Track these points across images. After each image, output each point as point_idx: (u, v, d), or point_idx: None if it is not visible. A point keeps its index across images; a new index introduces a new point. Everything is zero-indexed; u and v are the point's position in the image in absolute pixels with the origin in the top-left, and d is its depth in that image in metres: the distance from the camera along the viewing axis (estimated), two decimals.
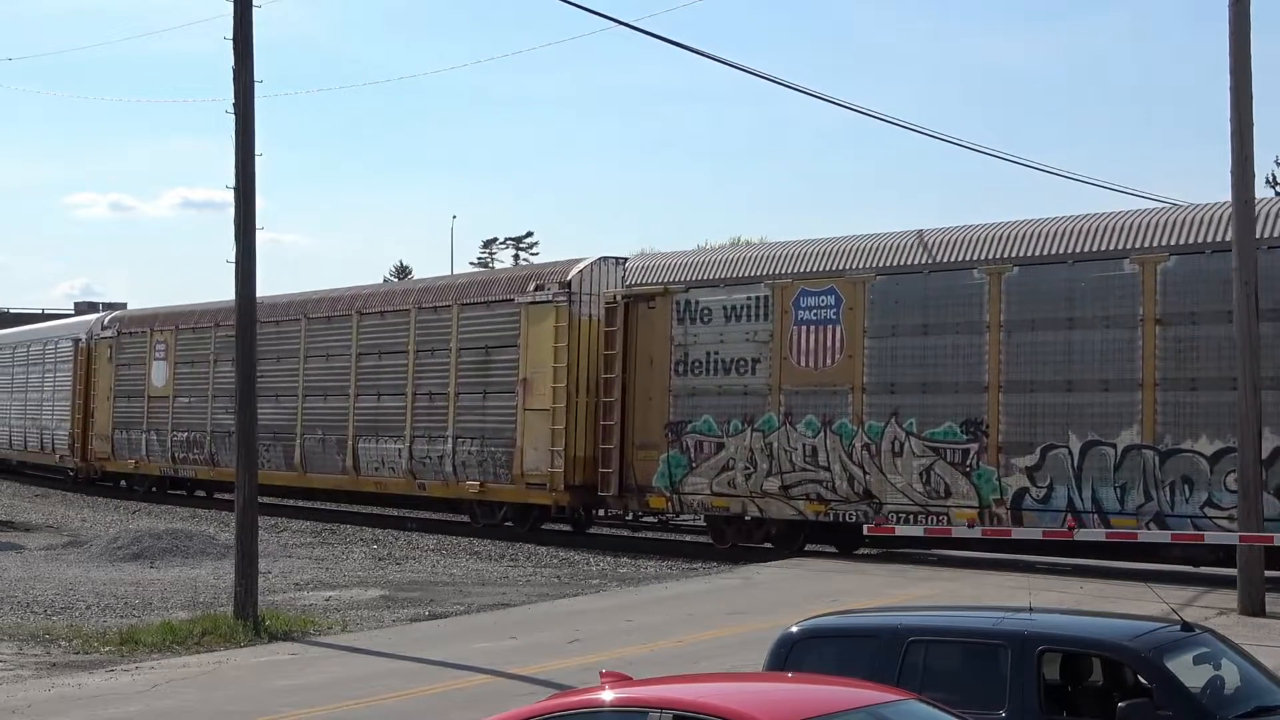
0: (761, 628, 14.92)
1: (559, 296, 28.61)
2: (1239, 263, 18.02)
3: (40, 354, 47.99)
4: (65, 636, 17.67)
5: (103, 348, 43.54)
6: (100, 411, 43.19)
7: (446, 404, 30.84)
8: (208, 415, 38.43)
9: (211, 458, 38.15)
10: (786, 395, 24.83)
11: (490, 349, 30.07)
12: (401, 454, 31.91)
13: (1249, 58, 17.85)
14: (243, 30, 18.72)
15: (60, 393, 45.76)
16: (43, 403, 47.01)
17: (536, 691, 12.46)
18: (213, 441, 38.06)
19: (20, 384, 49.07)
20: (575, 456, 28.09)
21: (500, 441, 29.43)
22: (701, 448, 25.99)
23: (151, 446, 40.89)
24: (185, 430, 39.34)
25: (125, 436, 42.01)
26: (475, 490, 30.04)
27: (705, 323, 26.15)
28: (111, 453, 42.57)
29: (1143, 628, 8.91)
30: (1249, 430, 17.95)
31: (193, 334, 39.60)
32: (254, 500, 19.22)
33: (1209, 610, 17.50)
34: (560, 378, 28.17)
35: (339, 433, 33.80)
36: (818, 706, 6.77)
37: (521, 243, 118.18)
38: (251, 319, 19.57)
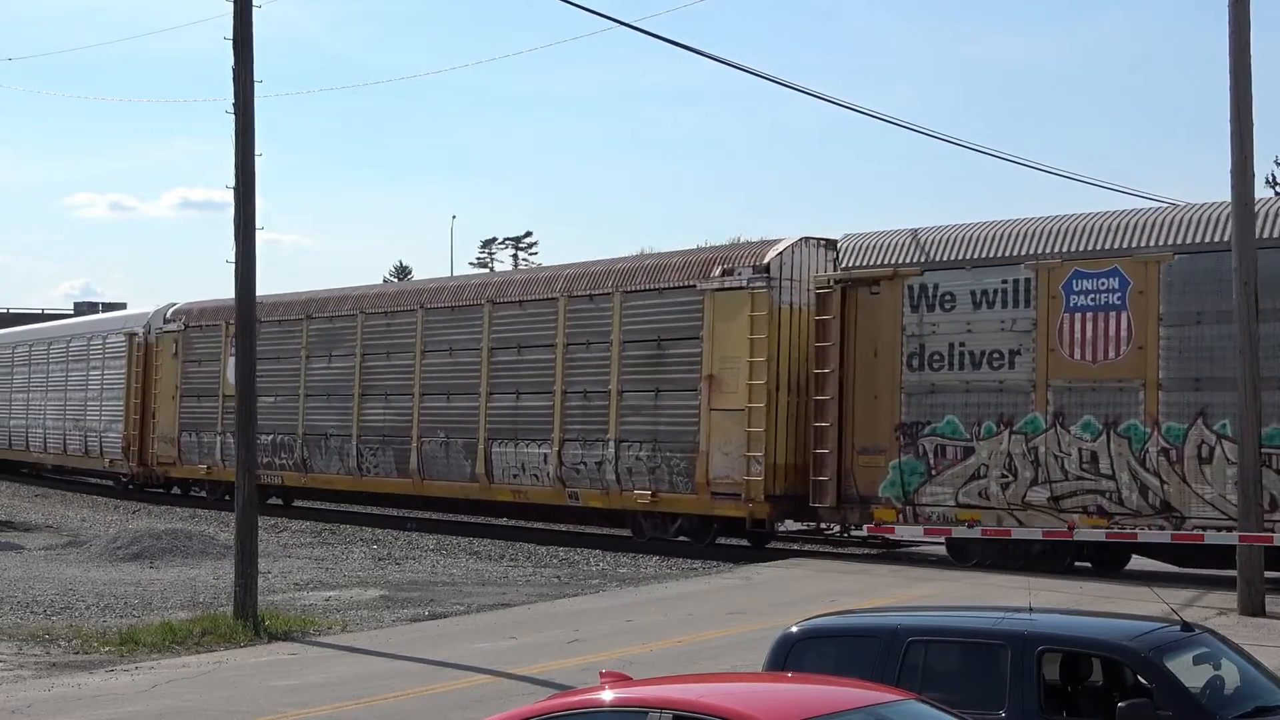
0: (761, 628, 14.92)
1: (755, 282, 25.27)
2: (1239, 263, 18.03)
3: (82, 350, 44.50)
4: (65, 636, 17.66)
5: (166, 343, 40.11)
6: (163, 412, 39.76)
7: (606, 403, 27.64)
8: (299, 416, 35.14)
9: (303, 463, 35.03)
10: (1055, 392, 21.71)
11: (664, 341, 26.78)
12: (548, 459, 28.67)
13: (1249, 58, 17.87)
14: (243, 30, 18.72)
15: (111, 392, 42.38)
16: (86, 403, 43.65)
17: (536, 691, 12.46)
18: (305, 445, 34.94)
19: (57, 383, 45.98)
20: (775, 463, 24.94)
21: (678, 446, 26.24)
22: (943, 452, 22.85)
23: (228, 450, 35.75)
24: (268, 432, 35.00)
25: (194, 440, 38.73)
26: (645, 500, 26.74)
27: (947, 309, 23.01)
28: (178, 457, 39.16)
29: (1143, 628, 8.91)
30: (1249, 430, 17.96)
31: (278, 327, 35.92)
32: (254, 500, 19.20)
33: (1209, 610, 17.51)
34: (758, 373, 24.98)
35: (466, 435, 30.47)
36: (818, 706, 6.77)
37: (521, 243, 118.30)
38: (251, 318, 19.54)
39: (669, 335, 26.73)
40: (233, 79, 18.79)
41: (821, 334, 24.38)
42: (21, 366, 48.83)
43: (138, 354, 41.18)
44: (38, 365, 47.51)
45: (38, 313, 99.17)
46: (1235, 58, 17.83)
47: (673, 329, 26.68)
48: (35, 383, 47.41)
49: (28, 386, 47.87)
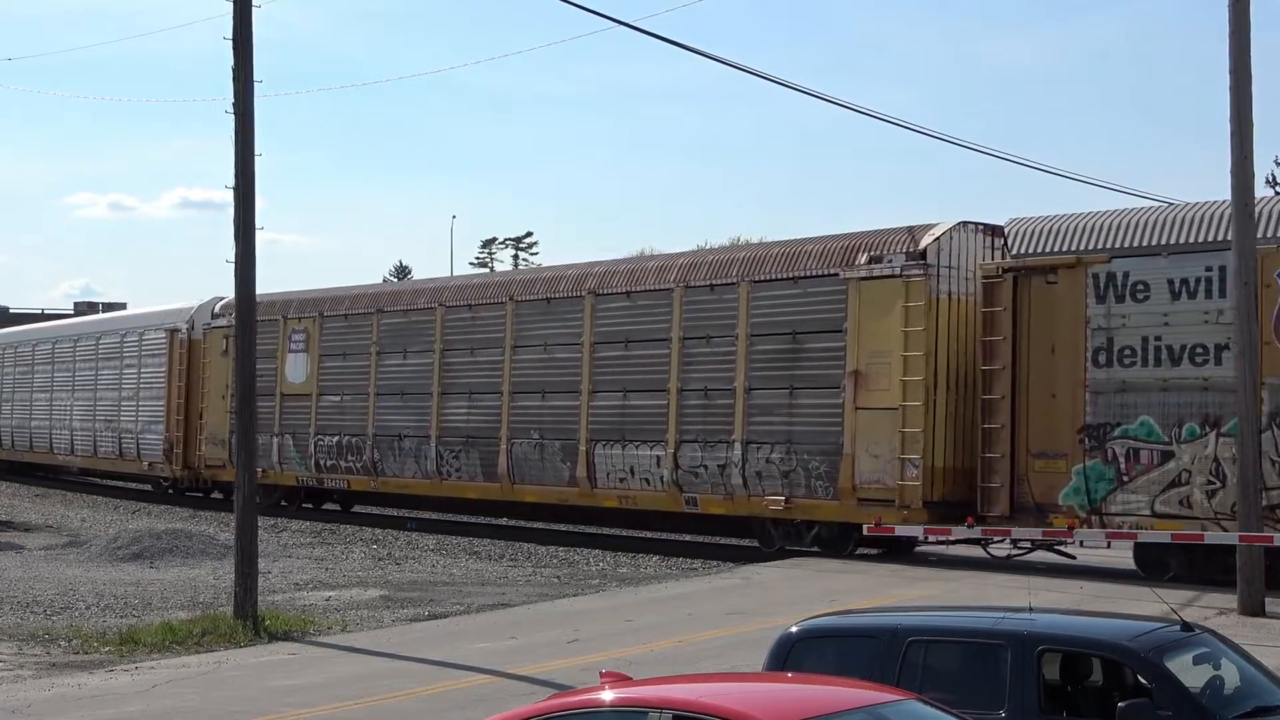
0: (761, 628, 14.92)
1: (910, 270, 23.13)
2: (1239, 262, 18.03)
3: (114, 348, 42.24)
4: (65, 636, 17.67)
5: (214, 339, 37.52)
6: (212, 412, 37.30)
7: (731, 402, 25.46)
8: (369, 416, 32.76)
9: (373, 465, 32.66)
10: (1271, 391, 19.52)
11: (800, 335, 24.60)
12: (661, 462, 26.49)
13: (1249, 58, 17.86)
14: (243, 30, 18.73)
15: (150, 391, 40.05)
16: (120, 403, 41.37)
17: (536, 691, 12.46)
18: (376, 447, 32.52)
19: (85, 382, 43.60)
20: (933, 466, 22.92)
21: (818, 448, 24.13)
22: (1136, 457, 20.82)
23: (286, 453, 35.03)
24: (334, 433, 33.64)
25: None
26: (779, 507, 24.57)
27: (1139, 300, 20.90)
28: (229, 459, 35.36)
29: (1143, 628, 8.91)
30: (1249, 430, 17.97)
31: (344, 322, 33.87)
32: (254, 500, 19.21)
33: (1209, 610, 17.50)
34: (914, 369, 22.92)
35: (565, 437, 28.30)
36: (818, 706, 6.77)
37: (521, 243, 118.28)
38: (252, 318, 19.57)
39: (807, 328, 24.57)
40: (233, 79, 18.80)
41: (990, 327, 22.23)
42: (43, 365, 46.82)
43: (180, 351, 38.79)
44: (62, 364, 45.37)
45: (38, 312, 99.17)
46: (1235, 58, 17.83)
47: (810, 321, 24.54)
48: (60, 382, 45.32)
49: (50, 386, 45.88)
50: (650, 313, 27.21)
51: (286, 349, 35.20)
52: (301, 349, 35.03)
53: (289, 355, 35.28)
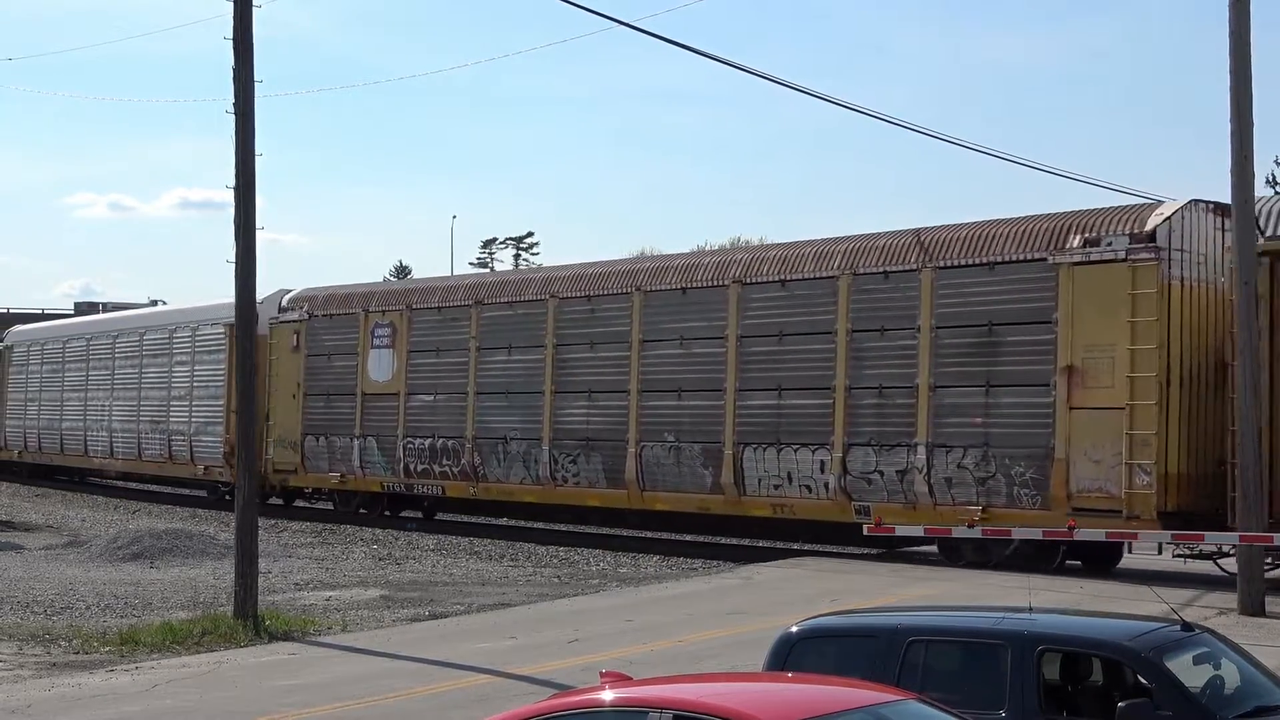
0: (761, 628, 14.92)
1: (1137, 253, 20.81)
2: (1239, 262, 18.04)
3: (161, 344, 39.65)
4: (65, 636, 17.67)
5: (283, 334, 35.17)
6: (282, 413, 34.86)
7: (912, 401, 23.20)
8: (467, 417, 30.24)
9: (473, 470, 30.14)
10: None
11: (997, 326, 22.30)
12: (826, 467, 24.19)
13: (1249, 58, 17.87)
14: (243, 30, 18.73)
15: (205, 390, 37.53)
16: (169, 403, 38.85)
17: (536, 691, 12.46)
18: (476, 450, 30.07)
19: (127, 381, 41.11)
20: (1167, 473, 20.66)
21: (1022, 452, 21.89)
22: None
23: (369, 456, 32.52)
24: (425, 435, 31.13)
25: (324, 444, 33.81)
26: (976, 516, 22.14)
27: None
28: (301, 464, 34.20)
29: (1143, 628, 8.91)
30: (1249, 430, 17.97)
31: (437, 315, 31.36)
32: (254, 500, 19.19)
33: (1209, 610, 17.51)
34: (1145, 364, 20.66)
35: (706, 439, 25.88)
36: (818, 706, 6.77)
37: (521, 243, 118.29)
38: (252, 318, 19.53)
39: (1006, 319, 22.23)
40: (233, 79, 18.80)
41: None
42: (75, 363, 44.48)
43: None
44: (99, 362, 42.80)
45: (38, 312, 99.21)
46: (1235, 58, 17.83)
47: (1009, 311, 22.22)
48: (97, 381, 42.73)
49: (85, 385, 43.46)
50: (810, 303, 24.84)
51: (368, 345, 32.69)
52: (386, 344, 32.38)
53: (371, 351, 32.73)
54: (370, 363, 32.83)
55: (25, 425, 47.25)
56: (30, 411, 47.09)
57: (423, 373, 31.66)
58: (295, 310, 35.07)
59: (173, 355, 39.26)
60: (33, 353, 47.76)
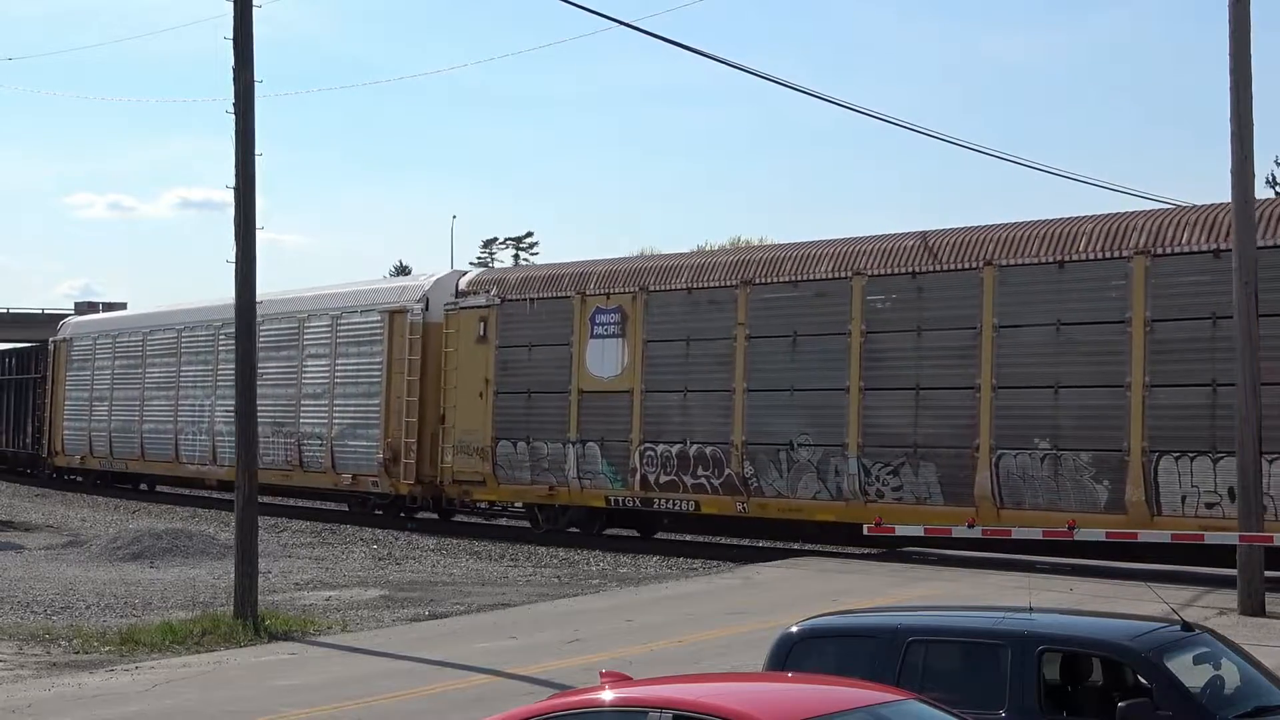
0: (761, 628, 14.92)
1: None
2: (1239, 262, 18.03)
3: (288, 335, 34.92)
4: (65, 636, 17.67)
5: (464, 322, 30.41)
6: (464, 414, 30.04)
7: None
8: (734, 418, 25.59)
9: (742, 482, 25.45)
10: None
11: None
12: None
13: (1249, 58, 17.87)
14: (243, 30, 18.72)
15: (353, 388, 32.92)
16: (299, 402, 34.25)
17: (536, 691, 12.46)
18: (746, 458, 25.39)
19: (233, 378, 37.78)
20: None
21: None
22: None
23: (589, 465, 27.92)
24: (672, 440, 26.52)
25: (523, 450, 29.02)
26: None
27: None
28: (492, 473, 29.56)
29: (1143, 628, 8.91)
30: (1249, 430, 17.97)
31: (686, 298, 26.71)
32: (254, 500, 19.18)
33: (1209, 610, 17.50)
34: None
35: (1099, 444, 21.48)
36: (818, 706, 6.77)
37: (521, 243, 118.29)
38: (252, 319, 19.53)
39: None
40: (233, 79, 18.80)
41: None
42: (162, 358, 39.87)
43: (410, 338, 31.33)
44: (196, 356, 38.39)
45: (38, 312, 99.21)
46: (1235, 58, 17.83)
47: None
48: (193, 378, 38.31)
49: (176, 382, 39.00)
50: None
51: (586, 334, 28.04)
52: (613, 333, 27.63)
53: (591, 342, 28.01)
54: (590, 355, 28.08)
55: (91, 428, 42.79)
56: (98, 412, 42.47)
57: (666, 366, 26.91)
58: (480, 294, 30.29)
59: (303, 348, 34.57)
60: (100, 346, 43.01)
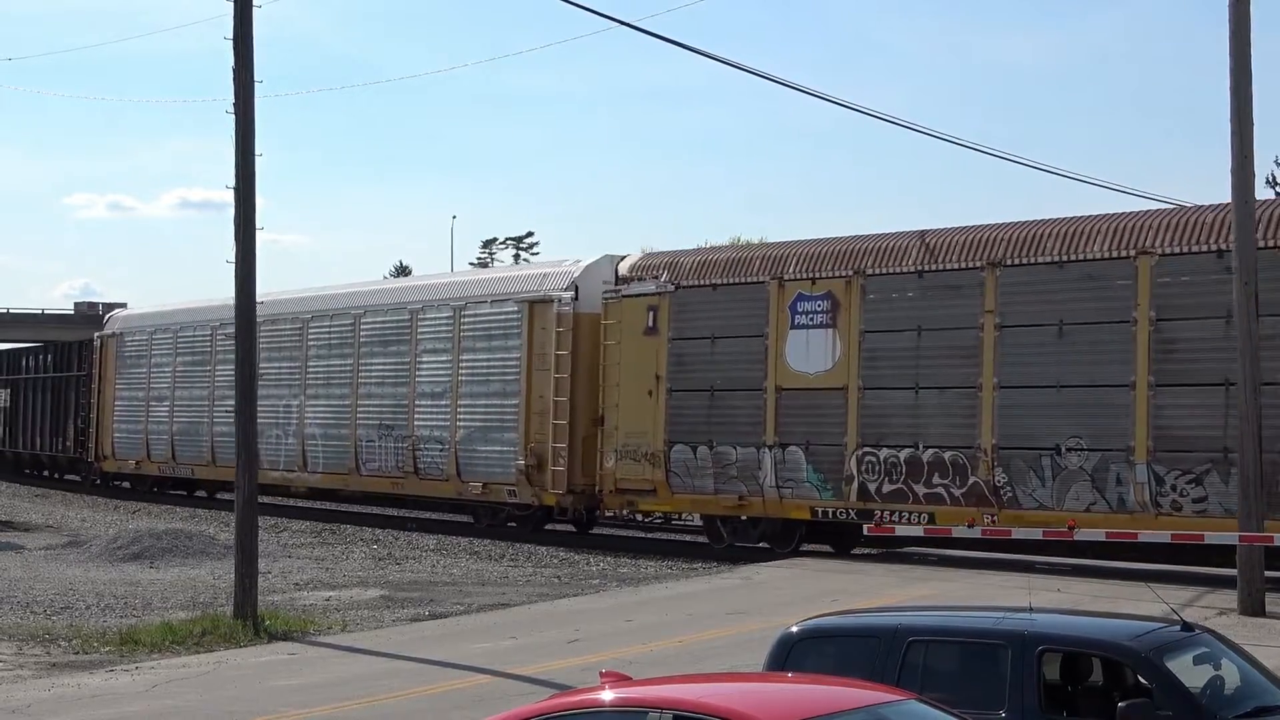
0: (761, 628, 14.92)
1: None
2: (1239, 262, 18.04)
3: (397, 327, 31.74)
4: (65, 636, 17.66)
5: (628, 311, 27.00)
6: (630, 414, 26.77)
7: None
8: (981, 419, 22.40)
9: (993, 492, 22.19)
10: None
11: None
12: None
13: (1249, 58, 17.87)
14: (243, 30, 18.72)
15: (480, 386, 29.75)
16: (413, 402, 31.01)
17: (536, 691, 12.46)
18: (999, 464, 22.20)
19: (332, 375, 33.37)
20: None
21: None
22: None
23: (790, 471, 24.66)
24: (899, 444, 23.35)
25: (704, 456, 25.70)
26: None
27: None
28: (665, 481, 26.28)
29: (1143, 628, 8.91)
30: (1249, 430, 17.97)
31: (916, 282, 23.33)
32: (254, 499, 19.17)
33: (1209, 610, 17.51)
34: None
35: None
36: (818, 706, 6.77)
37: (521, 243, 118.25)
38: (252, 319, 19.53)
39: None
40: (233, 79, 18.78)
41: None
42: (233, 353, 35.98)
43: (557, 330, 27.98)
44: (279, 351, 34.91)
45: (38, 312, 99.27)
46: (1235, 58, 17.83)
47: None
48: (276, 375, 34.77)
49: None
50: None
51: (785, 323, 24.75)
52: (819, 323, 24.41)
53: (791, 333, 24.73)
54: (790, 347, 24.74)
55: (149, 430, 39.56)
56: (157, 413, 39.17)
57: (891, 360, 23.61)
58: (648, 280, 26.83)
59: (417, 342, 31.14)
60: (159, 342, 39.70)
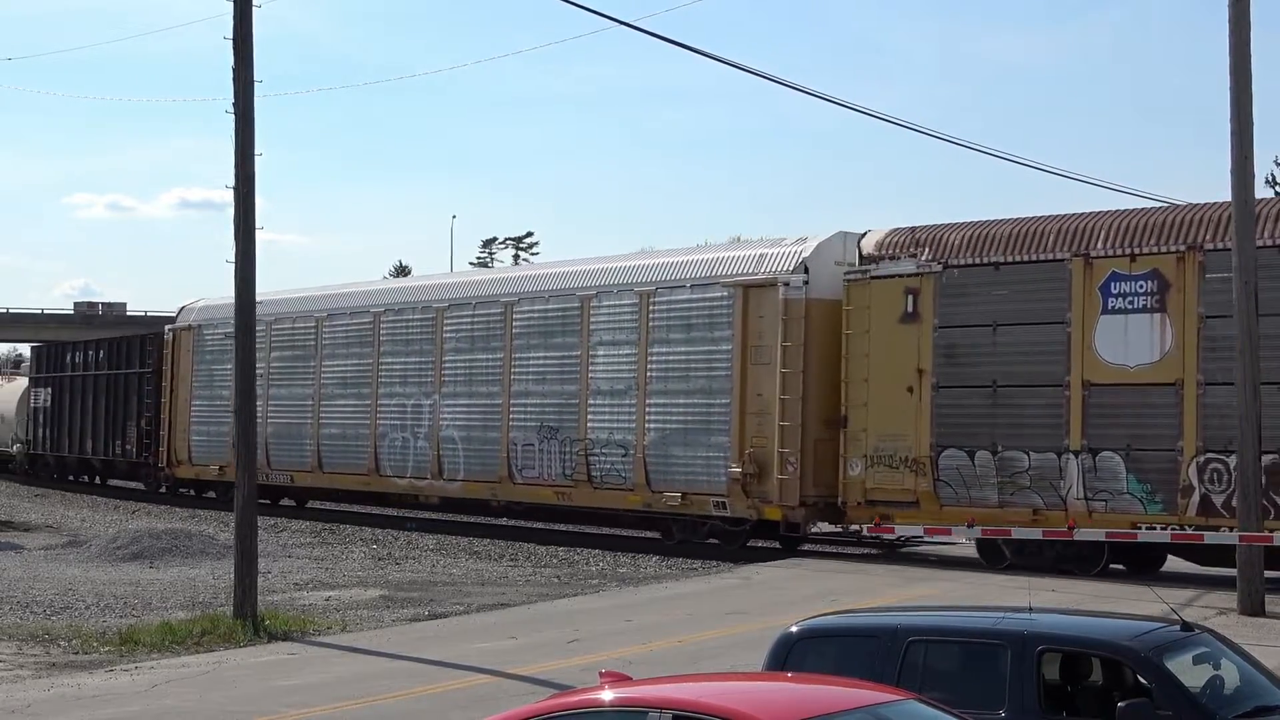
0: (761, 628, 14.92)
1: None
2: (1239, 262, 18.04)
3: (563, 316, 28.10)
4: (65, 636, 17.66)
5: (879, 295, 23.51)
6: (878, 413, 23.32)
7: None
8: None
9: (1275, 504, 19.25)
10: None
11: None
12: None
13: (1249, 58, 17.87)
14: (243, 30, 18.71)
15: (680, 383, 25.99)
16: (587, 400, 27.44)
17: (536, 691, 12.46)
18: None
19: (477, 372, 29.62)
20: None
21: None
22: None
23: (1101, 480, 21.24)
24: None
25: (983, 462, 22.35)
26: None
27: None
28: (931, 490, 22.68)
29: (1143, 628, 8.91)
30: (1249, 430, 17.97)
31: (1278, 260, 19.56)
32: (254, 500, 19.18)
33: (1209, 610, 17.51)
34: None
35: None
36: (818, 706, 6.77)
37: (521, 243, 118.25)
38: (252, 318, 19.48)
39: None
40: (233, 79, 18.77)
41: None
42: (348, 347, 32.96)
43: (784, 317, 24.29)
44: (403, 344, 31.44)
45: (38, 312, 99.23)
46: (1235, 58, 17.83)
47: None
48: (398, 371, 31.44)
49: (373, 377, 31.99)
50: None
51: (1094, 308, 21.38)
52: (1141, 307, 21.04)
53: (1102, 319, 21.32)
54: (1101, 336, 21.38)
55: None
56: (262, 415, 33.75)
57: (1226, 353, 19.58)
58: (903, 259, 23.41)
59: (590, 332, 27.51)
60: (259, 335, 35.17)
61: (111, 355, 43.44)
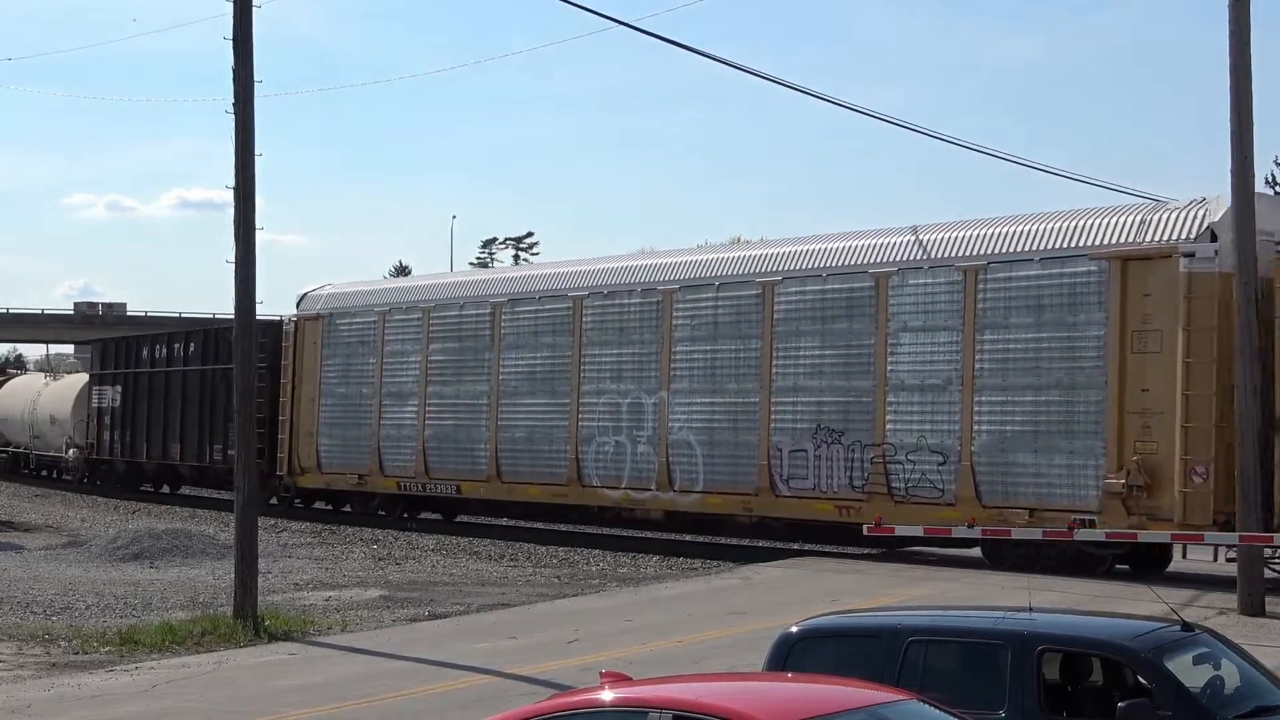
0: (761, 628, 14.91)
1: None
2: (1239, 262, 18.04)
3: (853, 297, 23.86)
4: (65, 636, 17.66)
5: None
6: None
7: None
8: None
9: None
10: None
11: None
12: None
13: (1249, 58, 17.87)
14: (243, 30, 18.71)
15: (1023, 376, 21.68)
16: (882, 397, 23.21)
17: (536, 691, 12.46)
18: None
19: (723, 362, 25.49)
20: None
21: None
22: None
23: None
24: None
25: None
26: None
27: None
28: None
29: (1143, 628, 8.91)
30: (1249, 430, 17.97)
31: None
32: (254, 500, 19.19)
33: (1209, 610, 17.50)
34: None
35: None
36: (818, 706, 6.77)
37: (521, 243, 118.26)
38: (251, 318, 19.48)
39: None
40: (233, 79, 18.78)
41: None
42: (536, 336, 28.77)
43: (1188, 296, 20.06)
44: (618, 333, 27.28)
45: (37, 312, 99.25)
46: (1235, 58, 17.82)
47: None
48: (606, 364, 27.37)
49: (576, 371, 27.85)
50: None
51: None
52: None
53: None
54: None
55: (382, 436, 31.63)
56: (398, 415, 31.26)
57: None
58: None
59: (890, 317, 23.27)
60: (392, 324, 31.72)
61: (205, 348, 38.22)
